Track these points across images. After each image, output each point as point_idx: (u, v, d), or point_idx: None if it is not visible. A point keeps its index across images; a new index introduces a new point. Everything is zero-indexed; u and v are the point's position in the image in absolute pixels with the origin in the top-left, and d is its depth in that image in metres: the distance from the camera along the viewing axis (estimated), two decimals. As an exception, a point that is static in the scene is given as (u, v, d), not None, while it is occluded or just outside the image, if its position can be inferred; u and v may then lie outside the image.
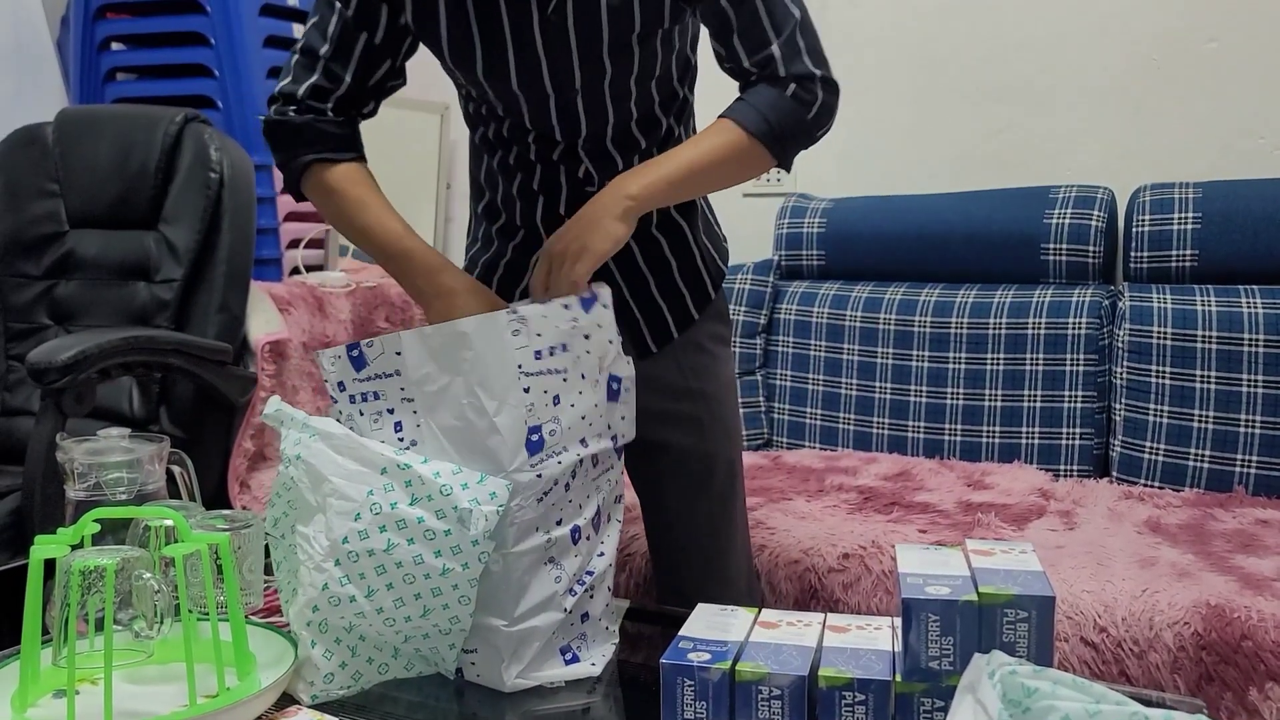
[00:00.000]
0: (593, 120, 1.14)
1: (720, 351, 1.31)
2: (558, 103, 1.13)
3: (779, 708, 0.79)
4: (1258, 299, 1.76)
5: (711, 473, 1.28)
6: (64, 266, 1.99)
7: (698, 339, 1.28)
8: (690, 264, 1.26)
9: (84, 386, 1.57)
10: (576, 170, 1.18)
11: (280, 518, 0.97)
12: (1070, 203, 1.98)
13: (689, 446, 1.26)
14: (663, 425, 1.25)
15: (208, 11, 2.30)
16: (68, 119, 2.05)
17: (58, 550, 0.86)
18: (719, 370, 1.30)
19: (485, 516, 0.89)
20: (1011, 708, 0.57)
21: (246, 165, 1.97)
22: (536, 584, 0.95)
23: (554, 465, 0.95)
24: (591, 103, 1.13)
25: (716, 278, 1.30)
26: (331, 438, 0.93)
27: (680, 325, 1.27)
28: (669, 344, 1.27)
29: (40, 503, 1.48)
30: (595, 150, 1.17)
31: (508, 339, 0.93)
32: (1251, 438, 1.72)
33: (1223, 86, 1.99)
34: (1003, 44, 2.18)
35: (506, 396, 0.93)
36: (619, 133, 1.17)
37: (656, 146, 1.20)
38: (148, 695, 0.90)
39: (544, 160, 1.18)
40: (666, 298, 1.25)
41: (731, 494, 1.30)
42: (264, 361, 1.97)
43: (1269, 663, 1.16)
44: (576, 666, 0.99)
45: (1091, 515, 1.64)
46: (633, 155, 1.19)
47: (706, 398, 1.28)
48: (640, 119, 1.17)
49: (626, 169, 1.18)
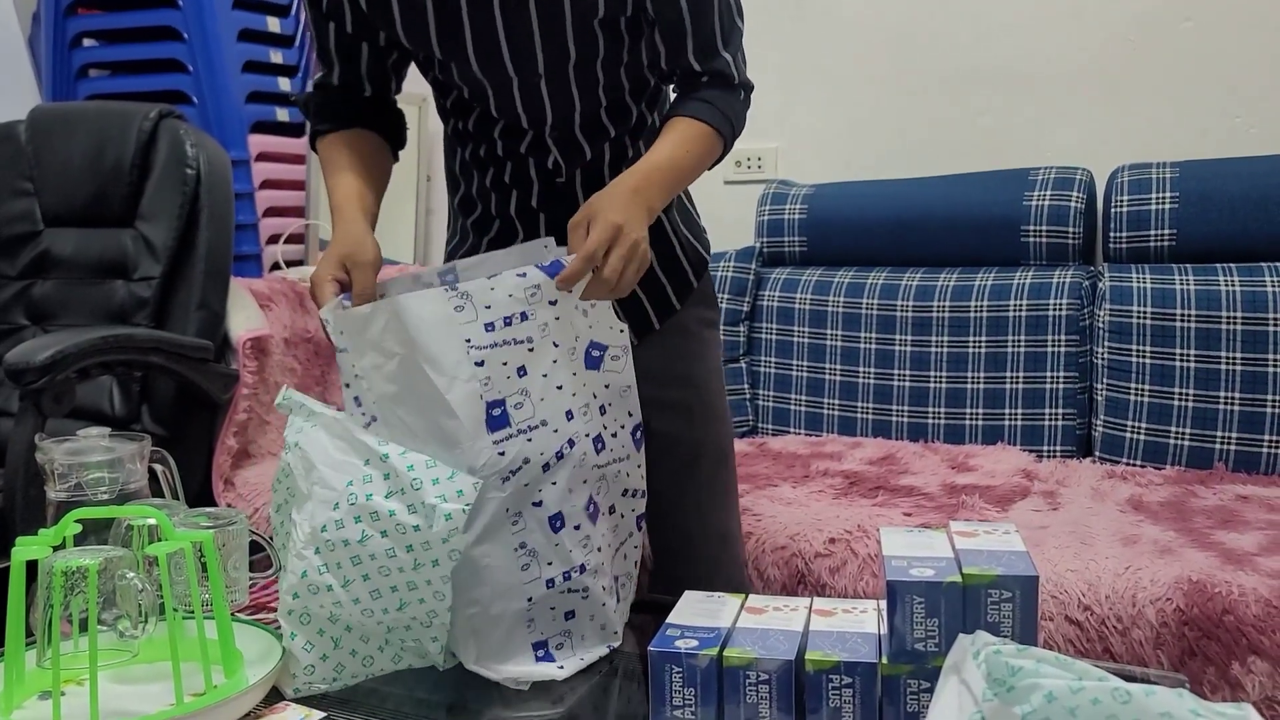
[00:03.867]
0: (558, 106, 1.13)
1: (708, 336, 1.31)
2: (521, 87, 1.12)
3: (767, 692, 0.80)
4: (1235, 277, 1.77)
5: (699, 458, 1.28)
6: (40, 266, 1.97)
7: (684, 323, 1.28)
8: (669, 253, 1.26)
9: (63, 387, 1.56)
10: (545, 161, 1.18)
11: (282, 504, 0.98)
12: (1049, 185, 1.98)
13: (677, 433, 1.26)
14: (650, 411, 1.23)
15: (180, 6, 2.28)
16: (40, 116, 2.02)
17: (39, 552, 0.86)
18: (706, 355, 1.30)
19: (448, 515, 0.87)
20: (996, 687, 0.57)
21: (223, 161, 1.96)
22: (497, 567, 0.92)
23: (522, 442, 0.92)
24: (556, 88, 1.12)
25: (698, 265, 1.30)
26: (330, 425, 0.93)
27: (662, 314, 1.26)
28: (653, 332, 1.26)
29: (21, 504, 1.47)
30: (563, 138, 1.16)
31: (450, 314, 0.91)
32: (1231, 415, 1.74)
33: (1199, 66, 2.00)
34: (980, 27, 2.18)
35: (458, 372, 0.90)
36: (587, 120, 1.16)
37: (628, 134, 1.19)
38: (134, 695, 0.89)
39: (512, 153, 1.18)
40: (647, 287, 1.25)
41: (721, 479, 1.30)
42: (246, 358, 1.96)
43: (1250, 636, 1.17)
44: (545, 666, 0.95)
45: (1075, 495, 1.66)
46: (603, 143, 1.18)
47: (694, 383, 1.28)
48: (610, 106, 1.16)
49: (595, 158, 1.17)
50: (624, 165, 1.19)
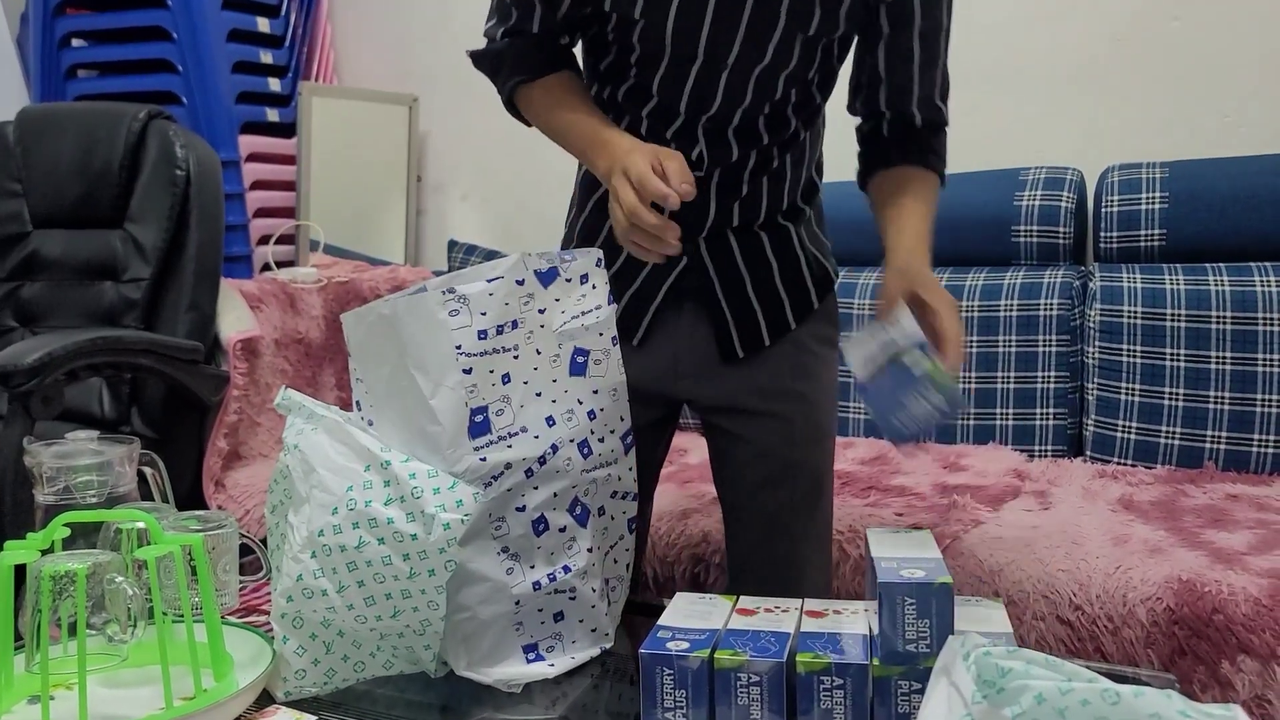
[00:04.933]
0: (727, 100, 1.10)
1: (825, 354, 1.24)
2: (701, 69, 1.08)
3: (758, 694, 0.80)
4: (1225, 277, 1.78)
5: (795, 478, 1.21)
6: (29, 267, 1.96)
7: (800, 339, 1.21)
8: (794, 270, 1.20)
9: (52, 389, 1.55)
10: (690, 151, 1.12)
11: (277, 505, 0.97)
12: (1040, 184, 1.99)
13: (773, 447, 1.20)
14: (750, 421, 1.20)
15: (169, 6, 2.28)
16: (29, 117, 2.02)
17: (28, 556, 0.85)
18: (821, 372, 1.23)
19: (446, 525, 0.87)
20: (985, 688, 0.57)
21: (213, 161, 1.95)
22: (481, 571, 0.92)
23: (503, 449, 0.92)
24: (734, 83, 1.09)
25: (823, 284, 1.23)
26: (332, 429, 0.93)
27: (775, 332, 1.20)
28: (767, 347, 1.20)
29: (9, 507, 1.47)
30: (715, 133, 1.12)
31: (443, 318, 0.91)
32: (1220, 414, 1.74)
33: (1187, 65, 2.01)
34: (969, 26, 2.18)
35: (443, 378, 0.90)
36: (745, 121, 1.12)
37: (778, 145, 1.15)
38: (123, 699, 0.89)
39: (656, 137, 1.13)
40: (764, 303, 1.19)
41: (814, 503, 1.23)
42: (236, 359, 1.96)
43: (1240, 635, 1.18)
44: (536, 666, 0.95)
45: (1066, 494, 1.66)
46: (751, 149, 1.13)
47: (803, 398, 1.21)
48: (771, 114, 1.12)
49: (739, 161, 1.14)
50: (764, 175, 1.15)
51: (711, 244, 1.17)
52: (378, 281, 2.34)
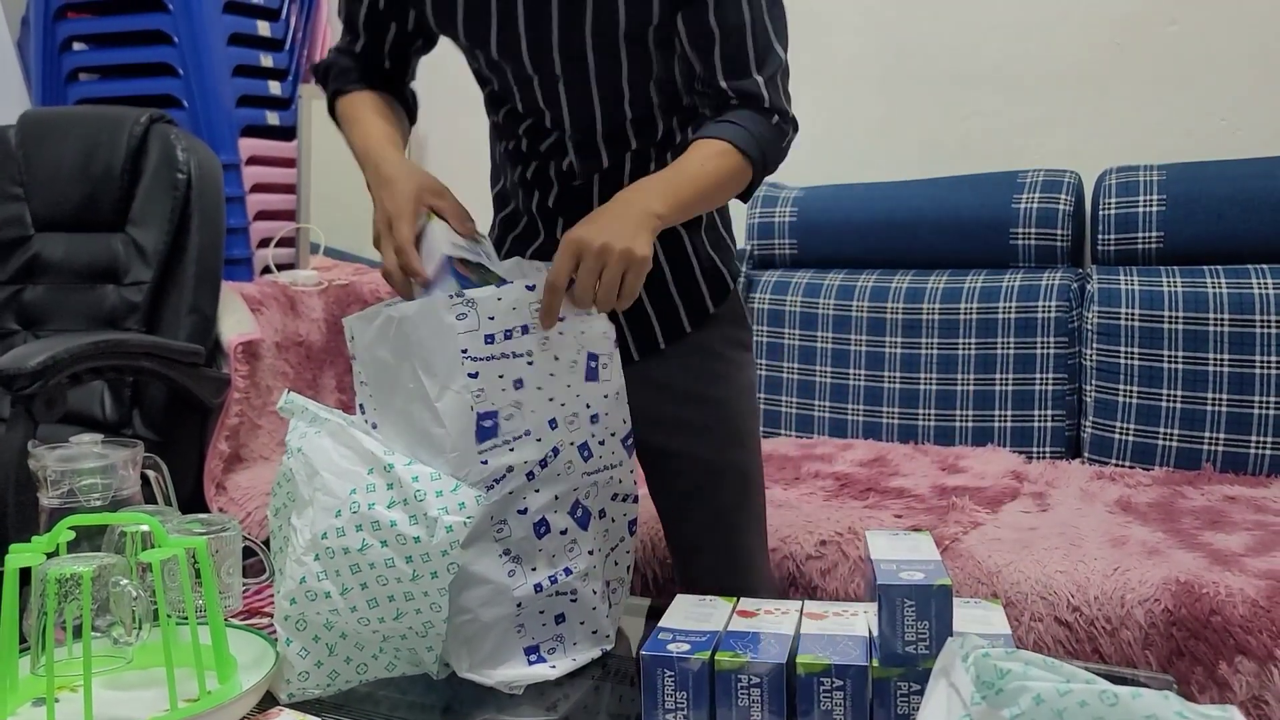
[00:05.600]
0: (578, 113, 1.12)
1: (736, 356, 1.26)
2: (541, 85, 1.10)
3: (758, 695, 0.80)
4: (1222, 279, 1.79)
5: (721, 479, 1.24)
6: (31, 271, 1.97)
7: (708, 343, 1.24)
8: (687, 274, 1.22)
9: (55, 392, 1.56)
10: (562, 163, 1.16)
11: (280, 508, 0.98)
12: (1038, 187, 2.00)
13: (695, 453, 1.23)
14: (671, 432, 1.22)
15: (170, 10, 2.28)
16: (30, 121, 2.02)
17: (33, 559, 0.86)
18: (733, 375, 1.26)
19: (449, 527, 0.88)
20: (984, 689, 0.58)
21: (214, 165, 1.96)
22: (482, 574, 0.93)
23: (504, 452, 0.92)
24: (576, 94, 1.10)
25: (718, 290, 1.24)
26: (335, 432, 0.93)
27: (671, 335, 1.22)
28: (674, 350, 1.22)
29: (13, 510, 1.47)
30: (583, 144, 1.14)
31: (451, 322, 0.91)
32: (1218, 416, 1.75)
33: (1184, 69, 2.02)
34: (968, 30, 2.19)
35: (450, 381, 0.91)
36: (610, 130, 1.13)
37: (653, 147, 1.16)
38: (128, 701, 0.89)
39: (534, 152, 1.17)
40: (657, 305, 1.21)
41: (743, 500, 1.26)
42: (237, 362, 1.96)
43: (1237, 637, 1.18)
44: (538, 668, 0.96)
45: (1064, 496, 1.67)
46: (623, 153, 1.15)
47: (717, 403, 1.24)
48: (636, 119, 1.13)
49: (614, 167, 1.15)
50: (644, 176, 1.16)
51: None
52: (378, 284, 2.35)
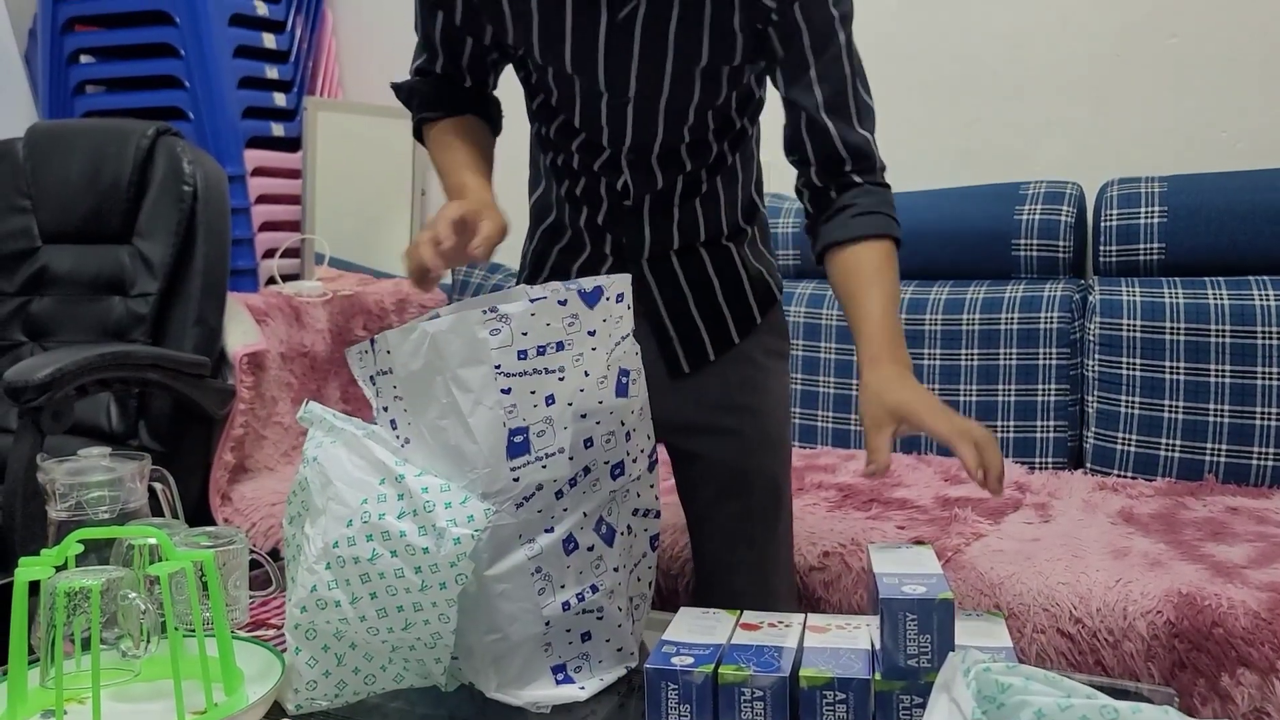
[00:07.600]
0: (640, 133, 1.14)
1: (773, 365, 1.28)
2: (609, 104, 1.12)
3: (761, 709, 0.81)
4: (1223, 290, 1.79)
5: (750, 487, 1.25)
6: (38, 282, 1.98)
7: (749, 353, 1.26)
8: (736, 286, 1.24)
9: (62, 404, 1.57)
10: (616, 182, 1.18)
11: (295, 516, 0.98)
12: (1040, 198, 2.00)
13: (727, 460, 1.24)
14: (703, 438, 1.23)
15: (177, 23, 2.30)
16: (38, 133, 2.04)
17: (42, 572, 0.86)
18: (769, 385, 1.27)
19: (457, 539, 0.88)
20: (986, 704, 0.58)
21: (220, 177, 1.97)
22: (512, 592, 0.93)
23: (537, 469, 0.92)
24: (643, 116, 1.12)
25: (765, 300, 1.27)
26: (350, 442, 0.94)
27: (720, 346, 1.24)
28: (713, 361, 1.24)
29: (21, 523, 1.48)
30: (638, 163, 1.16)
31: (484, 338, 0.90)
32: (1220, 427, 1.75)
33: (1184, 81, 2.03)
34: (969, 42, 2.20)
35: (483, 397, 0.91)
36: (666, 151, 1.16)
37: (705, 169, 1.18)
38: (136, 713, 0.90)
39: (586, 169, 1.18)
40: (707, 319, 1.23)
41: (774, 509, 1.27)
42: (242, 373, 1.97)
43: (1240, 649, 1.19)
44: (566, 688, 0.95)
45: (1066, 507, 1.67)
46: (676, 175, 1.17)
47: (752, 411, 1.25)
48: (691, 143, 1.16)
49: (667, 188, 1.18)
50: (695, 199, 1.19)
51: (655, 266, 1.22)
52: (383, 295, 2.36)
